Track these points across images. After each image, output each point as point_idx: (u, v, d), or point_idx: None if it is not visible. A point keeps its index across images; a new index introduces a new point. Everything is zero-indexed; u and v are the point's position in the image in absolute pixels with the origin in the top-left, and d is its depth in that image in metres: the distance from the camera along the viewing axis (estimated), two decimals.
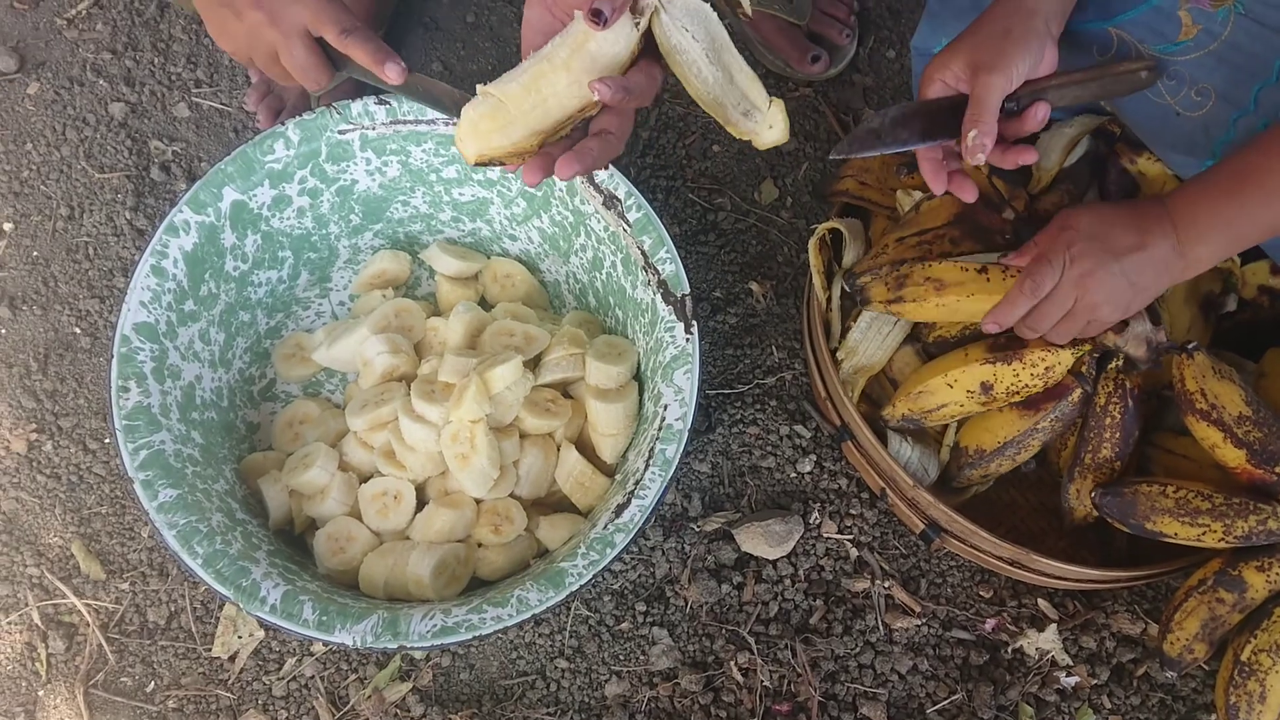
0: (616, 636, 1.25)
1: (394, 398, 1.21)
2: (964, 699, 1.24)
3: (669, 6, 0.82)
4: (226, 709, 1.23)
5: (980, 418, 1.20)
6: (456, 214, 1.34)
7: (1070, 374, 1.13)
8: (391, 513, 1.19)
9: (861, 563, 1.29)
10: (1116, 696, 1.25)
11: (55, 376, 1.37)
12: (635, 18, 0.81)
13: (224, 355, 1.25)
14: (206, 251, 1.19)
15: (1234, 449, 1.08)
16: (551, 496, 1.25)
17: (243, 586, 1.02)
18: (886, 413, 1.21)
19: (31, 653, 1.25)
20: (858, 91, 1.57)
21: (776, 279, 1.45)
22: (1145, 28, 1.07)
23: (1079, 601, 1.29)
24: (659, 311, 1.16)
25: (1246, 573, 1.11)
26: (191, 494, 1.08)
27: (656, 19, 0.82)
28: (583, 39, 0.81)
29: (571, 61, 0.82)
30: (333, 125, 1.21)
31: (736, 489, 1.33)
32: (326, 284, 1.37)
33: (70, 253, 1.43)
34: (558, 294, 1.39)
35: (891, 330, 1.24)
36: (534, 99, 0.83)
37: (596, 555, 1.04)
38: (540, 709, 1.23)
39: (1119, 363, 1.13)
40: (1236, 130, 1.05)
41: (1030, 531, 1.30)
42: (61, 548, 1.29)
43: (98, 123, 1.51)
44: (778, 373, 1.38)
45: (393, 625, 1.02)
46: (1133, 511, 1.11)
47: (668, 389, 1.12)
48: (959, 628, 1.27)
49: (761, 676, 1.23)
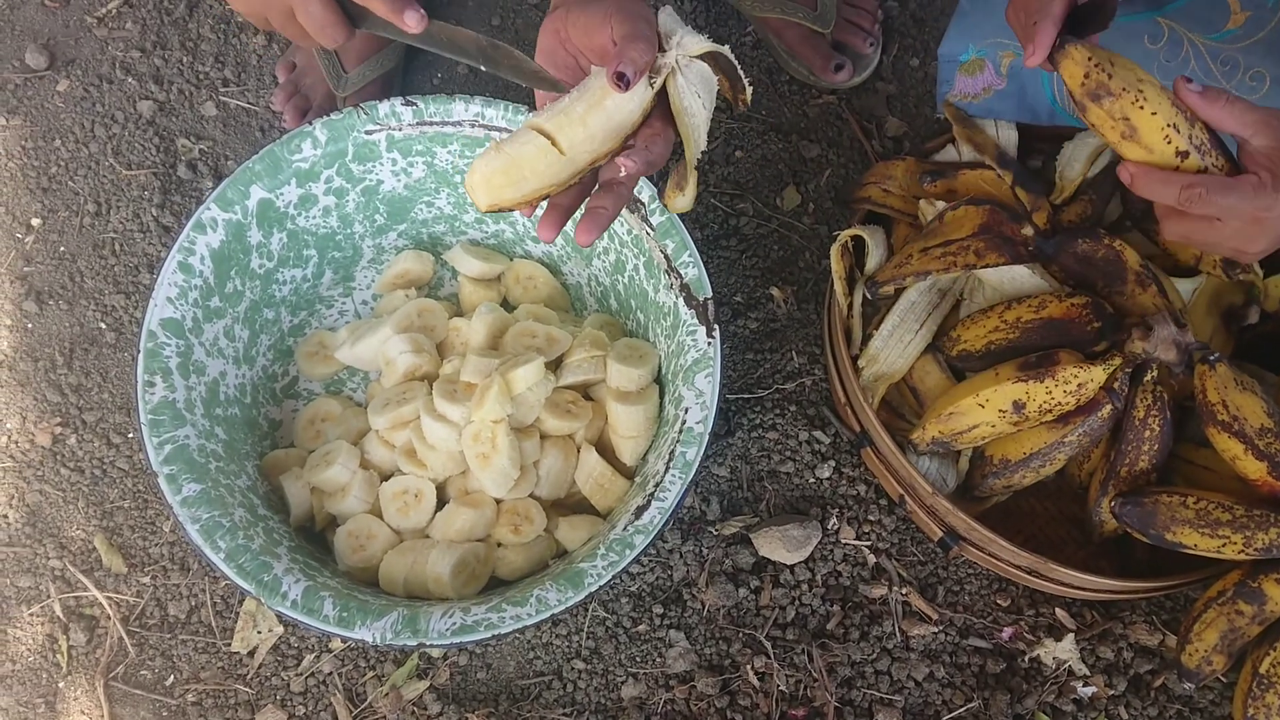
0: (633, 638, 1.26)
1: (416, 397, 1.21)
2: (980, 707, 1.24)
3: (685, 70, 0.84)
4: (245, 704, 1.23)
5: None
6: (480, 216, 1.35)
7: (1102, 389, 1.13)
8: (412, 511, 1.19)
9: (879, 569, 1.29)
10: (1134, 707, 1.25)
11: (80, 371, 1.38)
12: (651, 78, 0.83)
13: (248, 352, 1.26)
14: (233, 249, 1.20)
15: (1255, 461, 1.08)
16: (571, 498, 1.25)
17: (264, 581, 1.03)
18: (916, 436, 1.21)
19: (53, 644, 1.26)
20: (881, 99, 1.58)
21: (798, 284, 1.46)
22: (1193, 17, 1.06)
23: (1097, 611, 1.28)
24: (681, 315, 1.17)
25: (1267, 585, 1.10)
26: (215, 489, 1.09)
27: (672, 80, 0.84)
28: (600, 95, 0.83)
29: (588, 118, 0.83)
30: (360, 125, 1.22)
31: (755, 493, 1.33)
32: (350, 283, 1.38)
33: (97, 248, 1.45)
34: (579, 297, 1.40)
35: (913, 339, 1.24)
36: (549, 157, 0.84)
37: (616, 556, 1.05)
38: (556, 709, 1.23)
39: (1154, 374, 1.12)
40: None
41: (1049, 540, 1.30)
42: (84, 541, 1.30)
43: (126, 120, 1.52)
44: (798, 378, 1.38)
45: (412, 623, 1.02)
46: (1153, 522, 1.11)
47: (689, 392, 1.13)
48: (976, 635, 1.27)
49: (778, 681, 1.23)
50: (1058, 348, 1.14)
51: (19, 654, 1.26)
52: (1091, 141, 1.24)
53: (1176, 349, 1.09)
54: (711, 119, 0.88)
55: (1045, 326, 1.16)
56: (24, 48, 1.55)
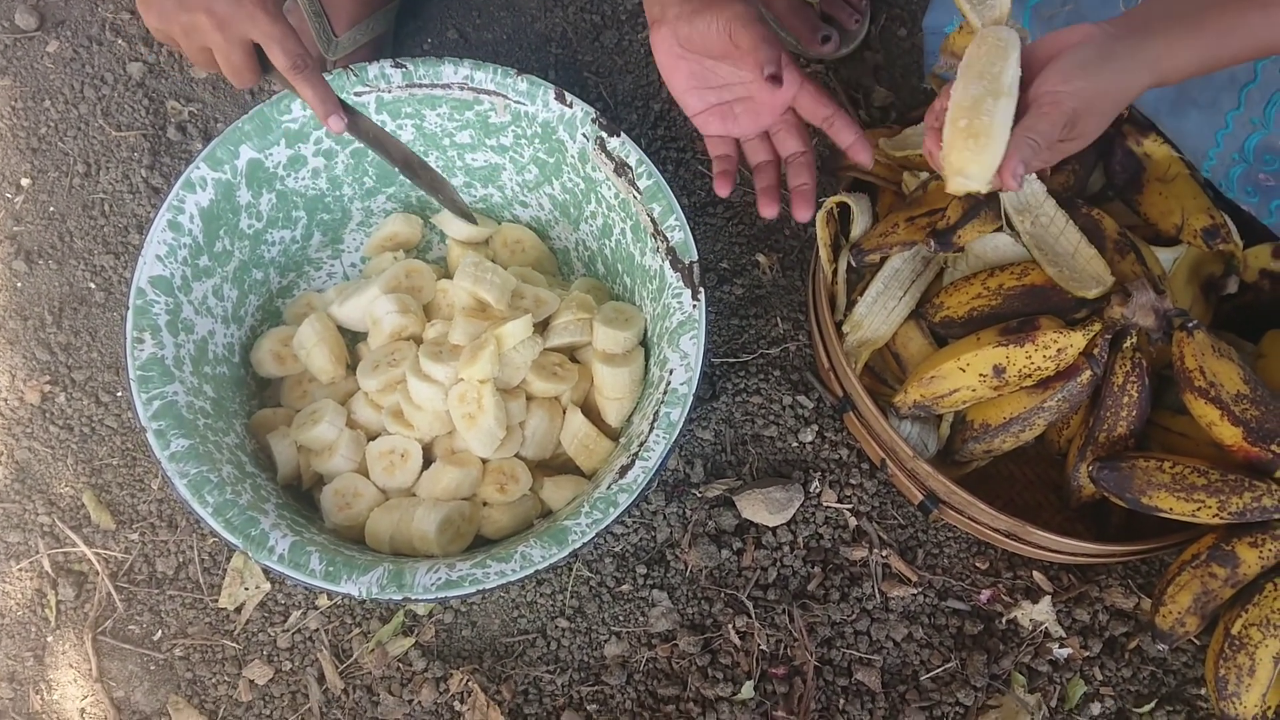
0: (617, 598, 1.27)
1: (405, 359, 1.22)
2: (957, 667, 1.26)
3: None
4: (232, 659, 1.25)
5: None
6: (469, 179, 1.36)
7: (1081, 355, 1.15)
8: (398, 470, 1.20)
9: (860, 532, 1.31)
10: (1108, 669, 1.27)
11: (69, 330, 1.39)
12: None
13: (236, 312, 1.27)
14: (222, 209, 1.21)
15: (1231, 426, 1.10)
16: (556, 459, 1.27)
17: (252, 536, 1.04)
18: (898, 400, 1.22)
19: (41, 599, 1.27)
20: (868, 69, 1.58)
21: (783, 252, 1.47)
22: None
23: (1074, 575, 1.30)
24: (667, 278, 1.18)
25: (1240, 548, 1.12)
26: (203, 445, 1.10)
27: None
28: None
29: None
30: (349, 87, 1.22)
31: (739, 457, 1.34)
32: (339, 245, 1.38)
33: (86, 209, 1.45)
34: (567, 261, 1.41)
35: (897, 306, 1.25)
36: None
37: (599, 514, 1.06)
38: (540, 666, 1.25)
39: (1133, 340, 1.14)
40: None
41: (1027, 505, 1.31)
42: (73, 497, 1.31)
43: (115, 81, 1.52)
44: (782, 344, 1.39)
45: (398, 578, 1.04)
46: (1129, 486, 1.12)
47: (673, 354, 1.14)
48: (954, 598, 1.29)
49: (759, 640, 1.25)
50: (1039, 314, 1.15)
51: (8, 608, 1.27)
52: None
53: (1155, 315, 1.10)
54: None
55: (1027, 293, 1.17)
56: (14, 8, 1.54)
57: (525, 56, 1.57)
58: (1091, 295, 1.11)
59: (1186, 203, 1.21)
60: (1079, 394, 1.16)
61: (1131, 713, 1.26)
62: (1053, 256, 1.14)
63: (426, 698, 1.22)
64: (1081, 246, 1.14)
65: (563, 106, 1.21)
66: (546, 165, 1.29)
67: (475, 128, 1.28)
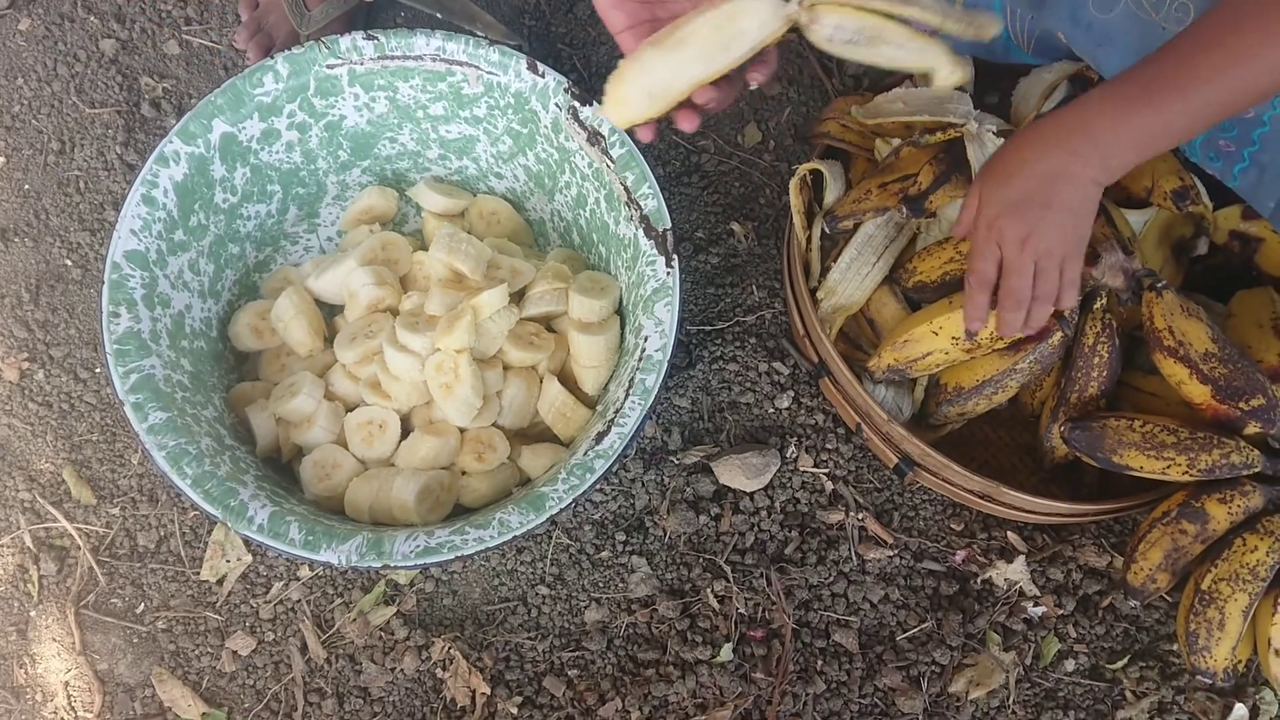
0: (596, 564, 1.28)
1: (382, 330, 1.23)
2: (933, 627, 1.27)
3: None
4: (215, 630, 1.26)
5: None
6: (443, 151, 1.36)
7: (1052, 317, 1.15)
8: (376, 441, 1.21)
9: (836, 495, 1.32)
10: (1082, 626, 1.29)
11: (47, 307, 1.39)
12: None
13: (213, 286, 1.27)
14: (196, 183, 1.21)
15: (1199, 385, 1.11)
16: (534, 428, 1.28)
17: (231, 506, 1.05)
18: (872, 364, 1.23)
19: (23, 574, 1.28)
20: None
21: (758, 220, 1.48)
22: None
23: (1047, 535, 1.32)
24: (641, 246, 1.18)
25: (1209, 505, 1.14)
26: (181, 418, 1.11)
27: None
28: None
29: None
30: (321, 59, 1.22)
31: (715, 424, 1.35)
32: (315, 219, 1.39)
33: (61, 186, 1.45)
34: (542, 232, 1.41)
35: (870, 271, 1.26)
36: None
37: (576, 480, 1.07)
38: (521, 633, 1.26)
39: (1103, 301, 1.15)
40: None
41: (1001, 467, 1.33)
42: (53, 473, 1.31)
43: (89, 59, 1.52)
44: (758, 311, 1.40)
45: (377, 546, 1.04)
46: (1100, 445, 1.14)
47: (648, 321, 1.15)
48: (930, 559, 1.30)
49: (737, 604, 1.26)
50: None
51: None
52: (1046, 77, 1.26)
53: (1124, 275, 1.12)
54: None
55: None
56: None
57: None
58: None
59: (1156, 165, 1.22)
60: (1050, 356, 1.17)
61: (1105, 669, 1.28)
62: None
63: (409, 666, 1.24)
64: None
65: (535, 76, 1.22)
66: (520, 136, 1.30)
67: (448, 99, 1.28)
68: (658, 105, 0.96)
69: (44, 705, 1.24)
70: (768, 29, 0.90)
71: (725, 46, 0.92)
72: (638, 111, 0.97)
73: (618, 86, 0.96)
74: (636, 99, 0.96)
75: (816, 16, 0.91)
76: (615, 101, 0.97)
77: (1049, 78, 1.26)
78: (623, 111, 0.97)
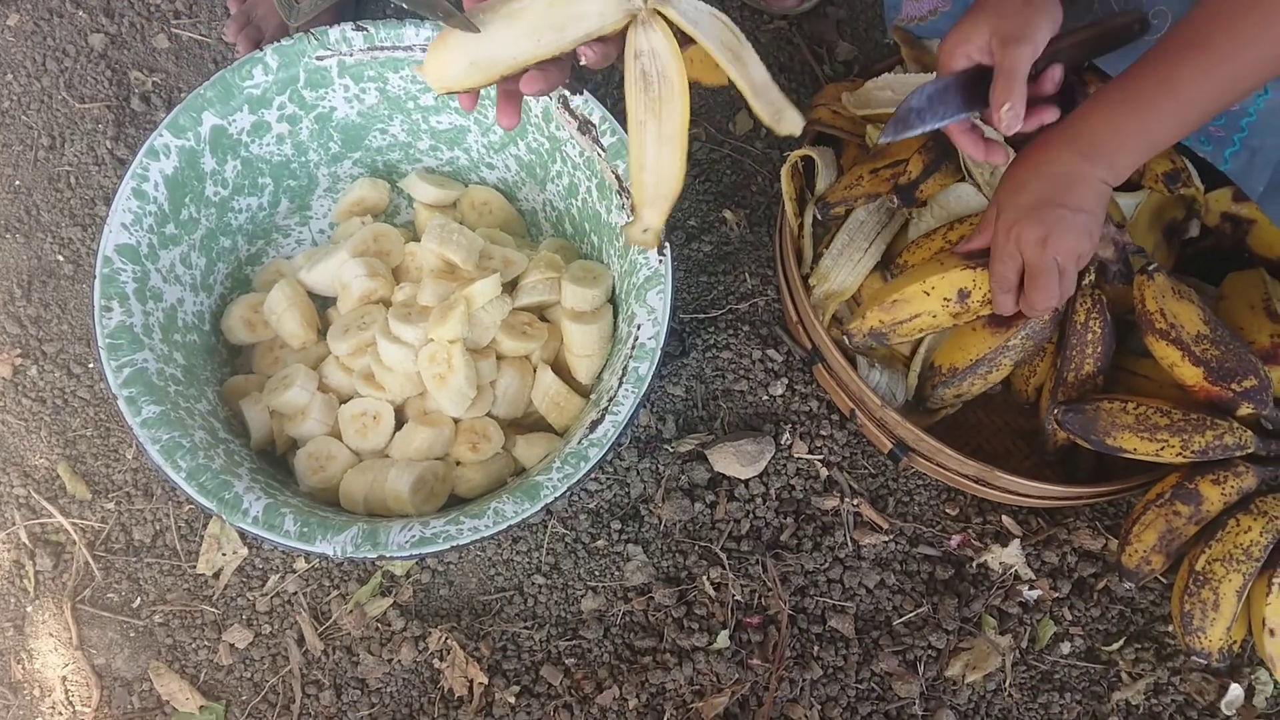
0: (592, 553, 1.29)
1: (375, 321, 1.23)
2: (929, 611, 1.28)
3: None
4: (211, 624, 1.26)
5: (953, 336, 1.23)
6: (434, 142, 1.36)
7: None
8: (370, 432, 1.21)
9: (831, 482, 1.32)
10: (1077, 609, 1.29)
11: (39, 303, 1.39)
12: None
13: (205, 280, 1.27)
14: (187, 176, 1.21)
15: (1192, 367, 1.11)
16: (529, 417, 1.28)
17: (226, 499, 1.05)
18: (854, 326, 1.22)
19: (20, 570, 1.27)
20: (831, 24, 1.59)
21: (750, 208, 1.48)
22: None
23: (1042, 518, 1.32)
24: None
25: (1203, 486, 1.14)
26: (174, 411, 1.11)
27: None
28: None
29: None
30: (310, 51, 1.22)
31: (710, 411, 1.35)
32: (306, 212, 1.39)
33: (52, 181, 1.45)
34: (535, 222, 1.41)
35: (863, 257, 1.26)
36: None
37: (571, 469, 1.07)
38: (518, 623, 1.26)
39: (1091, 278, 1.15)
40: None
41: (995, 451, 1.33)
42: (48, 469, 1.31)
43: (78, 54, 1.52)
44: (750, 299, 1.40)
45: (372, 537, 1.04)
46: (1094, 427, 1.14)
47: (641, 309, 1.15)
48: (925, 544, 1.31)
49: (733, 591, 1.27)
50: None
51: None
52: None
53: (1114, 246, 1.12)
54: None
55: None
56: None
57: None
58: None
59: None
60: (1042, 331, 1.17)
61: (1100, 651, 1.28)
62: None
63: (406, 656, 1.24)
64: None
65: None
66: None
67: None
68: (479, 76, 0.88)
69: (42, 700, 1.24)
70: (607, 18, 0.86)
71: (560, 27, 0.86)
72: (456, 79, 0.89)
73: (440, 50, 0.88)
74: (457, 66, 0.88)
75: (651, 25, 0.88)
76: (435, 65, 0.89)
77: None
78: (440, 77, 0.89)
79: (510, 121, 0.93)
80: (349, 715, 1.23)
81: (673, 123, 0.89)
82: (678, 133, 0.90)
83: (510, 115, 0.93)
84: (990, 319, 1.18)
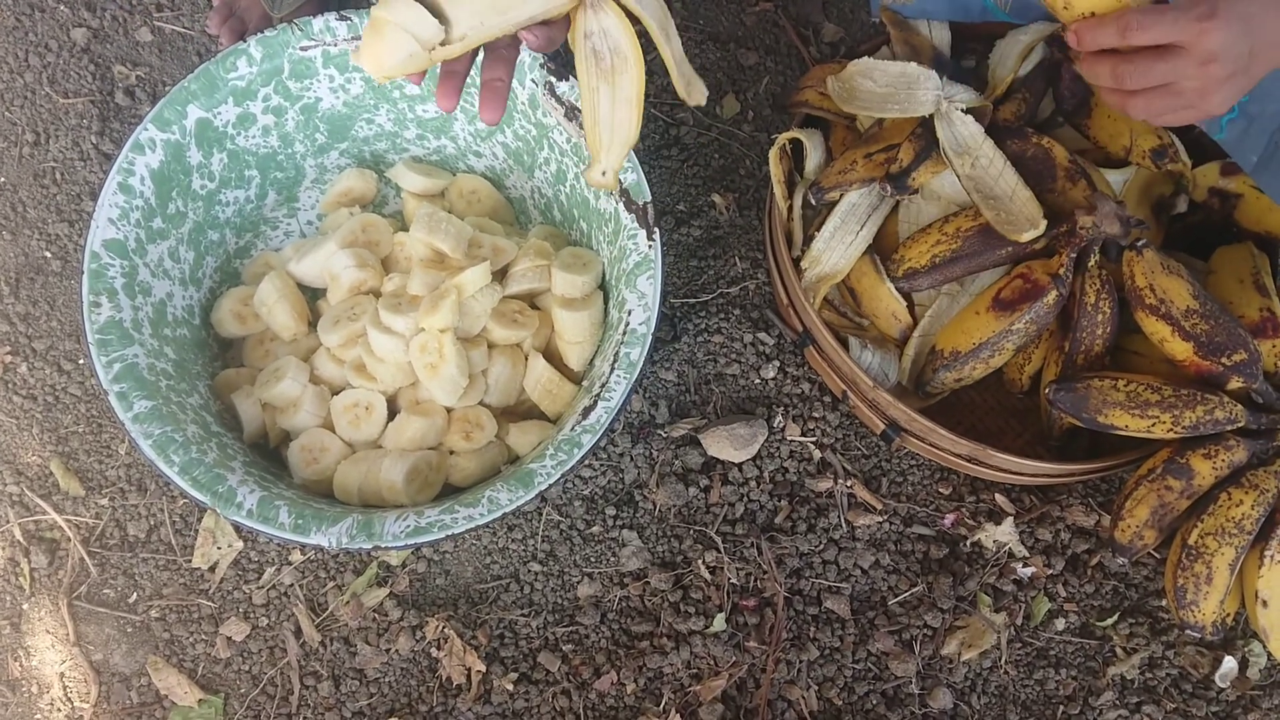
0: (588, 540, 1.29)
1: (365, 312, 1.23)
2: (924, 591, 1.28)
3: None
4: (208, 617, 1.26)
5: (955, 319, 1.23)
6: (421, 131, 1.35)
7: (1048, 276, 1.16)
8: (363, 423, 1.21)
9: (824, 463, 1.33)
10: (1071, 585, 1.29)
11: (27, 300, 1.39)
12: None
13: (194, 274, 1.26)
14: (173, 169, 1.20)
15: (1182, 342, 1.12)
16: (521, 405, 1.28)
17: (219, 493, 1.05)
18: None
19: (14, 568, 1.27)
20: (817, 5, 1.59)
21: (739, 191, 1.48)
22: None
23: (1035, 496, 1.33)
24: (622, 220, 1.18)
25: (1194, 461, 1.14)
26: (166, 406, 1.10)
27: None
28: None
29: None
30: (294, 42, 1.22)
31: (702, 396, 1.36)
32: (294, 204, 1.38)
33: (37, 178, 1.44)
34: (523, 210, 1.41)
35: (854, 240, 1.26)
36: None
37: (564, 455, 1.07)
38: (515, 610, 1.26)
39: (1097, 258, 1.15)
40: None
41: (988, 430, 1.33)
42: (40, 466, 1.31)
43: (60, 48, 1.51)
44: (741, 282, 1.40)
45: (367, 527, 1.04)
46: (1085, 405, 1.14)
47: (631, 295, 1.15)
48: (919, 523, 1.31)
49: (729, 574, 1.27)
50: (998, 248, 1.18)
51: None
52: (1022, 39, 1.26)
53: (1119, 222, 1.12)
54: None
55: (984, 232, 1.18)
56: None
57: None
58: (1024, 239, 1.13)
59: (1135, 124, 1.22)
60: (1045, 315, 1.17)
61: (1095, 626, 1.29)
62: (991, 199, 1.16)
63: (403, 646, 1.24)
64: (1019, 189, 1.16)
65: None
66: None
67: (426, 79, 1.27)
68: (419, 61, 0.86)
69: (40, 697, 1.24)
70: (554, 1, 0.84)
71: (503, 10, 0.84)
72: (394, 66, 0.86)
73: (375, 36, 0.85)
74: (397, 53, 0.85)
75: (602, 8, 0.87)
76: (371, 53, 0.86)
77: (1025, 39, 1.26)
78: (378, 64, 0.86)
79: (449, 104, 0.90)
80: (347, 706, 1.23)
81: (628, 89, 0.92)
82: (634, 96, 0.92)
83: (449, 97, 0.90)
84: (994, 302, 1.18)
